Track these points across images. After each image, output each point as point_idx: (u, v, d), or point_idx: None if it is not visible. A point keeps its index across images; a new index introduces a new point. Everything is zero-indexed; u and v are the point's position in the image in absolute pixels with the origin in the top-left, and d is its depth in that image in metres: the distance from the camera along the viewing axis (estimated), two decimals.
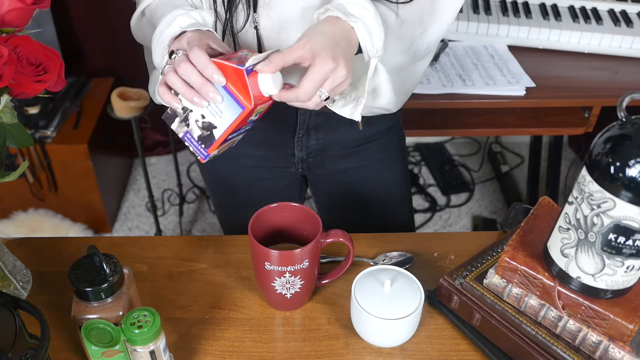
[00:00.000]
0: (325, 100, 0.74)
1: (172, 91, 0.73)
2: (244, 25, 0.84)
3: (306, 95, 0.72)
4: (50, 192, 2.01)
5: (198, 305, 0.85)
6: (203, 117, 0.73)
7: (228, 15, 0.82)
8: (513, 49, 1.54)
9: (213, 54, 0.73)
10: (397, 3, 0.82)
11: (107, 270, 0.70)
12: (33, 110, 1.88)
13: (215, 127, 0.73)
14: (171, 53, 0.74)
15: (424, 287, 0.78)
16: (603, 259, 0.64)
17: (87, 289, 0.68)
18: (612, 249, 0.63)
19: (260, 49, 0.86)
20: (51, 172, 1.95)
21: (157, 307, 0.71)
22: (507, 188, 2.31)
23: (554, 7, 1.60)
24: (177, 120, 0.74)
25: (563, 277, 0.70)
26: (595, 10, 1.59)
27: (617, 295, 0.68)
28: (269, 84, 0.71)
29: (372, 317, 0.75)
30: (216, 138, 0.73)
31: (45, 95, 0.70)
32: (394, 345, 0.79)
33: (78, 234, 2.05)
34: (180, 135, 0.75)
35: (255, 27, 0.84)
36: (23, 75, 0.66)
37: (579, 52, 1.54)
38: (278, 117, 0.96)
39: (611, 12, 1.58)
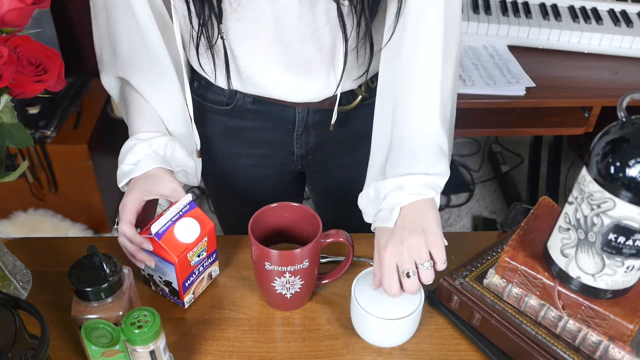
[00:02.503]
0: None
1: None
2: (217, 38, 0.81)
3: (390, 288, 0.75)
4: (50, 192, 2.01)
5: (198, 305, 0.85)
6: (160, 277, 0.82)
7: (199, 29, 0.80)
8: (513, 49, 1.54)
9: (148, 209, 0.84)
10: None
11: (107, 270, 0.70)
12: (33, 110, 1.88)
13: (171, 282, 0.81)
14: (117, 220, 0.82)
15: (424, 287, 0.78)
16: (603, 259, 0.64)
17: (87, 289, 0.68)
18: (612, 249, 0.63)
19: (227, 61, 0.85)
20: (51, 172, 1.95)
21: (157, 307, 0.71)
22: (507, 188, 2.31)
23: (554, 7, 1.60)
24: (151, 283, 0.85)
25: (563, 277, 0.70)
26: (595, 10, 1.59)
27: (617, 295, 0.68)
28: (185, 236, 0.79)
29: (372, 317, 0.75)
30: (178, 289, 0.81)
31: (45, 95, 0.70)
32: (394, 345, 0.79)
33: (78, 234, 2.05)
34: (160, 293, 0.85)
35: (222, 37, 0.82)
36: (23, 75, 0.66)
37: (579, 52, 1.54)
38: (277, 116, 0.96)
39: (611, 12, 1.58)
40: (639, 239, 0.61)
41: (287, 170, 1.07)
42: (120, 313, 0.70)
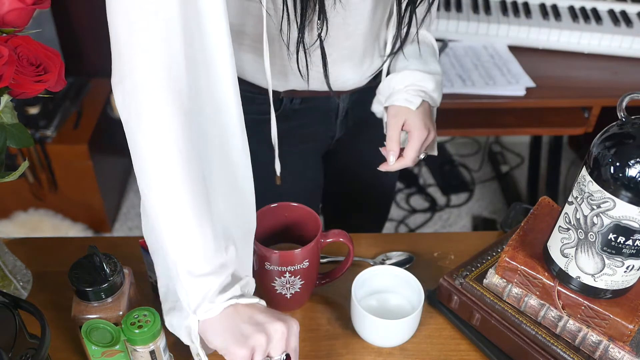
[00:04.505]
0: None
1: None
2: (317, 38, 0.78)
3: (412, 161, 0.88)
4: (50, 192, 2.01)
5: None
6: None
7: (299, 26, 0.76)
8: (513, 49, 1.54)
9: None
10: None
11: (107, 270, 0.70)
12: (33, 110, 1.88)
13: None
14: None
15: (424, 287, 0.78)
16: (603, 259, 0.64)
17: (87, 289, 0.68)
18: (612, 249, 0.63)
19: (324, 62, 0.82)
20: (51, 172, 1.95)
21: (157, 307, 0.71)
22: (507, 188, 2.31)
23: (554, 7, 1.60)
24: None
25: (563, 277, 0.70)
26: (595, 10, 1.59)
27: (617, 295, 0.68)
28: None
29: (372, 317, 0.75)
30: None
31: (45, 95, 0.70)
32: (394, 345, 0.79)
33: (78, 234, 2.05)
34: None
35: (319, 35, 0.78)
36: (23, 76, 0.66)
37: (579, 52, 1.54)
38: (323, 109, 0.97)
39: (611, 12, 1.58)
40: (639, 239, 0.61)
41: (322, 152, 1.09)
42: (120, 313, 0.70)
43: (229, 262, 0.67)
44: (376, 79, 0.96)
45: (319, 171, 1.12)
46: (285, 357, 0.65)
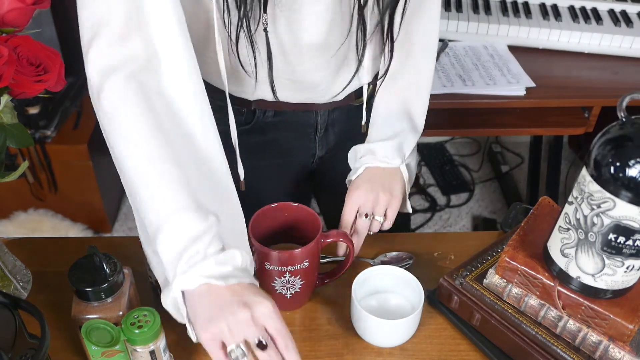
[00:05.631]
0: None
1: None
2: (257, 26, 0.76)
3: (347, 222, 0.86)
4: (50, 192, 2.01)
5: None
6: None
7: (242, 14, 0.75)
8: (513, 49, 1.54)
9: None
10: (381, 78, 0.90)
11: (107, 270, 0.70)
12: (33, 110, 1.87)
13: None
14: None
15: (424, 287, 0.78)
16: (603, 259, 0.64)
17: (87, 289, 0.68)
18: (612, 249, 0.63)
19: (269, 54, 0.80)
20: (51, 172, 1.95)
21: (157, 307, 0.71)
22: (507, 188, 2.31)
23: (554, 7, 1.60)
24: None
25: (563, 277, 0.70)
26: (595, 10, 1.59)
27: (617, 295, 0.68)
28: None
29: (372, 317, 0.75)
30: None
31: (45, 95, 0.70)
32: (394, 345, 0.79)
33: (78, 234, 2.05)
34: None
35: (265, 30, 0.78)
36: (23, 75, 0.66)
37: (579, 52, 1.54)
38: (298, 123, 0.95)
39: (611, 12, 1.58)
40: (639, 239, 0.61)
41: (304, 170, 1.07)
42: (120, 313, 0.70)
43: (204, 233, 0.63)
44: (358, 97, 0.94)
45: (300, 188, 1.10)
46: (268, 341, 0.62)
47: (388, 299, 0.83)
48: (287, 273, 0.78)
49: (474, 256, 0.83)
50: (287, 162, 1.03)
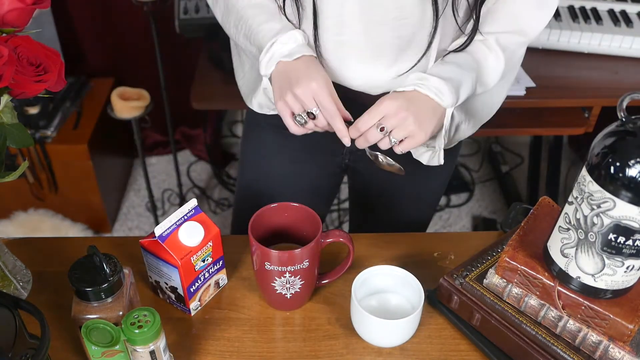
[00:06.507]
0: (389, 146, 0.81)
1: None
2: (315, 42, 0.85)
3: (363, 124, 0.80)
4: (50, 192, 2.01)
5: None
6: (166, 283, 0.82)
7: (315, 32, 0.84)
8: None
9: None
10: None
11: (107, 270, 0.70)
12: (33, 110, 1.87)
13: (177, 288, 0.81)
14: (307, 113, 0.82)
15: (424, 287, 0.78)
16: (603, 259, 0.64)
17: (87, 289, 0.68)
18: (612, 249, 0.63)
19: (315, 13, 0.84)
20: (51, 172, 1.95)
21: (157, 307, 0.71)
22: (507, 188, 2.31)
23: None
24: (158, 291, 0.86)
25: (563, 277, 0.70)
26: (595, 10, 1.59)
27: (617, 295, 0.68)
28: (189, 239, 0.78)
29: (372, 317, 0.75)
30: (183, 295, 0.81)
31: (45, 95, 0.70)
32: (394, 345, 0.79)
33: (78, 234, 2.05)
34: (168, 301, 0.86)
35: (316, 47, 0.85)
36: (23, 76, 0.66)
37: (579, 52, 1.54)
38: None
39: (611, 12, 1.58)
40: (639, 239, 0.61)
41: (334, 165, 1.06)
42: (120, 313, 0.70)
43: (278, 33, 0.81)
44: None
45: (324, 180, 1.10)
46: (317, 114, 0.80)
47: (388, 299, 0.83)
48: (287, 273, 0.78)
49: (474, 256, 0.83)
50: (319, 154, 1.03)
